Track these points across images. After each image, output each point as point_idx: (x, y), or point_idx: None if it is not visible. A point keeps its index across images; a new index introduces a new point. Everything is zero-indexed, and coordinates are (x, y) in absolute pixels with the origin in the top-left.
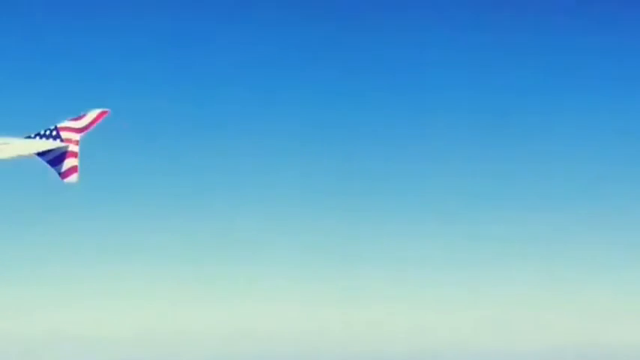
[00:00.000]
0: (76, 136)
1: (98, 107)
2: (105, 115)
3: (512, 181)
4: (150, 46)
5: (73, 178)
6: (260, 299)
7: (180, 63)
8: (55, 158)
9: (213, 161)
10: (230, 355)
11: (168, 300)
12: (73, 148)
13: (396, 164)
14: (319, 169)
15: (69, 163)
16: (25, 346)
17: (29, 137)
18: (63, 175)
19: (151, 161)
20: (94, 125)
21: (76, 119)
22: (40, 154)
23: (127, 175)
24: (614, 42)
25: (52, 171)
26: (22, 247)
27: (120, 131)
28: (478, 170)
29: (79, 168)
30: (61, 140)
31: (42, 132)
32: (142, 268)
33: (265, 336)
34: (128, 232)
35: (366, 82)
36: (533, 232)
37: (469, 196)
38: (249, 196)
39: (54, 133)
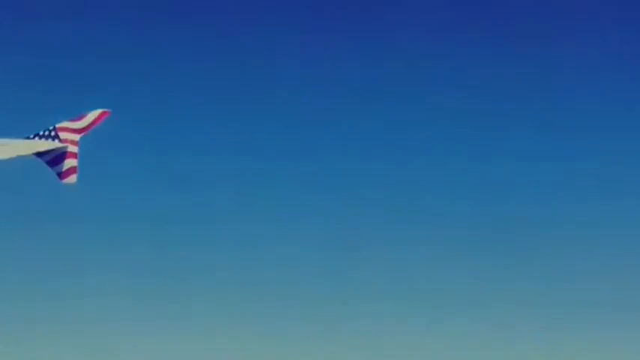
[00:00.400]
0: (76, 137)
1: (99, 108)
2: (106, 116)
3: None
4: (152, 45)
5: (71, 179)
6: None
7: (182, 63)
8: (54, 159)
9: (215, 163)
10: None
11: (163, 299)
12: (72, 148)
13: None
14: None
15: (68, 163)
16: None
17: (28, 138)
18: (62, 175)
19: (151, 163)
20: (95, 126)
21: (75, 120)
22: (39, 155)
23: (127, 176)
24: None
25: (50, 171)
26: (19, 248)
27: (121, 132)
28: None
29: (77, 169)
30: (60, 141)
31: (41, 133)
32: (140, 270)
33: None
34: (127, 234)
35: None
36: None
37: None
38: (252, 197)
39: (53, 133)
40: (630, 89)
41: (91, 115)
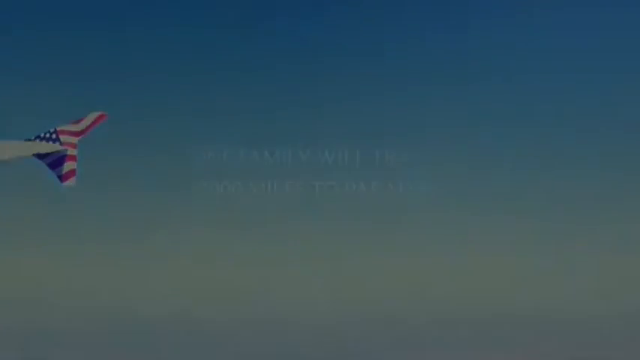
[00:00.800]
0: (75, 140)
1: (96, 110)
2: (102, 119)
3: None
4: (149, 48)
5: (71, 181)
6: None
7: (180, 66)
8: (54, 161)
9: (213, 166)
10: None
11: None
12: (71, 151)
13: None
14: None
15: (68, 166)
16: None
17: (28, 140)
18: (62, 178)
19: (148, 165)
20: (92, 129)
21: (74, 123)
22: (40, 156)
23: (125, 178)
24: None
25: (50, 174)
26: (18, 250)
27: (117, 135)
28: None
29: (76, 171)
30: (60, 143)
31: (41, 135)
32: (139, 272)
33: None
34: (125, 237)
35: None
36: None
37: None
38: (251, 193)
39: (53, 136)
40: None
41: (89, 118)
